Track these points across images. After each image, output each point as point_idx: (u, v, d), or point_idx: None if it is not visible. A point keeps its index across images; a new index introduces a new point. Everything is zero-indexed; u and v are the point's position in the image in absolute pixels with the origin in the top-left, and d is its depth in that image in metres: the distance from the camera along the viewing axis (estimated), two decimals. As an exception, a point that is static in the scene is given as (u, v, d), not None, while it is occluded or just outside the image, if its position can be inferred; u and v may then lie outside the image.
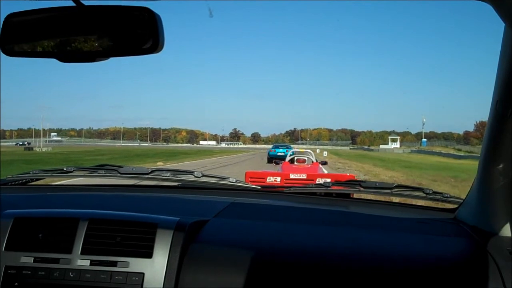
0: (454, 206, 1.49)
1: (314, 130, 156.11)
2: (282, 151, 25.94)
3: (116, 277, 1.04)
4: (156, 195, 1.70)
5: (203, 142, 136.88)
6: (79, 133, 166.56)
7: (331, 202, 1.71)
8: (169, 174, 1.74)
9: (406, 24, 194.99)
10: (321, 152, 35.03)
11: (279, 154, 25.01)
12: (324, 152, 35.47)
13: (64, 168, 1.77)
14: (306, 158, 12.64)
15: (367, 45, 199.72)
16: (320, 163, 12.93)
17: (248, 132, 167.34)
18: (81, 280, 1.05)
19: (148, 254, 1.07)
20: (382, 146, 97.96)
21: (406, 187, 1.65)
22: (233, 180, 1.73)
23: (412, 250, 1.17)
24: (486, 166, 1.07)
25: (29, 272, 1.06)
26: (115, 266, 1.05)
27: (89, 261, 1.06)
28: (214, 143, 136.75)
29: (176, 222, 1.14)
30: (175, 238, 1.09)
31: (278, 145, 35.48)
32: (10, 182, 1.77)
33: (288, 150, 19.18)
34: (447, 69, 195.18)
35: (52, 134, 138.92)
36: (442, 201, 1.56)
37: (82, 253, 1.07)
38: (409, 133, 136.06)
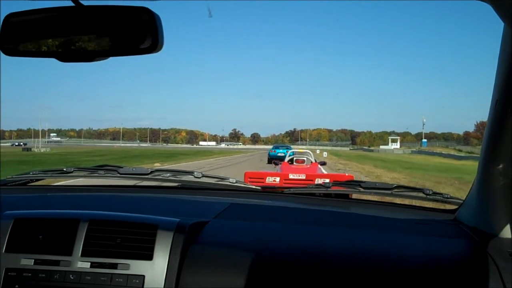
0: (454, 207, 1.48)
1: (314, 130, 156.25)
2: (282, 152, 25.97)
3: (117, 279, 1.04)
4: (156, 195, 1.70)
5: (203, 143, 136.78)
6: (78, 133, 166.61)
7: (331, 203, 1.70)
8: (169, 174, 1.74)
9: (406, 24, 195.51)
10: (321, 153, 35.01)
11: (279, 154, 25.12)
12: (324, 152, 35.47)
13: (64, 169, 1.77)
14: (305, 159, 12.67)
15: (367, 45, 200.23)
16: (319, 164, 12.99)
17: (247, 133, 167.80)
18: (81, 283, 1.04)
19: (149, 256, 1.06)
20: (382, 147, 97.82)
21: (406, 188, 1.65)
22: (233, 181, 1.72)
23: (412, 251, 1.17)
24: (486, 167, 1.06)
25: (29, 274, 1.05)
26: (116, 268, 1.05)
27: (89, 263, 1.06)
28: (213, 143, 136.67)
29: (176, 224, 1.13)
30: (175, 239, 1.09)
31: (278, 145, 35.61)
32: (10, 182, 1.77)
33: (288, 151, 19.20)
34: (447, 69, 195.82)
35: (52, 135, 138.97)
36: (442, 201, 1.55)
37: (82, 255, 1.06)
38: (409, 133, 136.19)
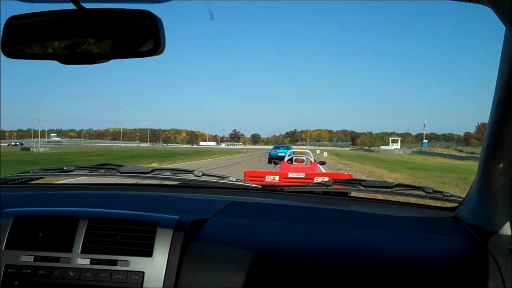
0: (455, 205, 1.48)
1: (314, 131, 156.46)
2: (282, 152, 26.10)
3: (116, 276, 1.04)
4: (156, 194, 1.70)
5: (203, 143, 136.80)
6: (78, 134, 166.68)
7: (331, 201, 1.70)
8: (169, 173, 1.74)
9: (407, 25, 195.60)
10: (321, 153, 35.01)
11: (279, 154, 25.31)
12: (324, 153, 35.48)
13: (65, 167, 1.77)
14: (304, 158, 12.80)
15: (368, 46, 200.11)
16: (318, 163, 13.08)
17: (248, 133, 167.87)
18: (81, 279, 1.04)
19: (148, 253, 1.06)
20: (382, 147, 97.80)
21: (406, 186, 1.65)
22: (233, 179, 1.73)
23: (412, 249, 1.17)
24: (486, 166, 1.07)
25: (29, 271, 1.05)
26: (115, 265, 1.05)
27: (89, 260, 1.06)
28: (214, 144, 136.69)
29: (176, 221, 1.13)
30: (175, 236, 1.09)
31: (279, 146, 35.89)
32: (10, 181, 1.78)
33: (288, 151, 19.29)
34: (447, 70, 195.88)
35: (52, 135, 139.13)
36: (442, 200, 1.55)
37: (82, 252, 1.07)
38: (409, 134, 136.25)
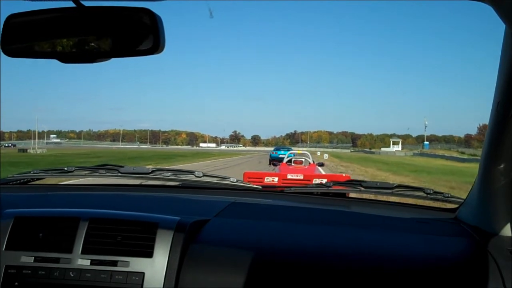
0: (455, 206, 1.48)
1: (314, 132, 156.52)
2: (283, 153, 26.21)
3: (117, 276, 1.04)
4: (157, 194, 1.70)
5: (203, 145, 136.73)
6: (78, 135, 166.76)
7: (331, 202, 1.70)
8: (169, 174, 1.74)
9: (407, 25, 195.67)
10: (321, 155, 35.05)
11: (280, 156, 25.43)
12: (324, 154, 35.53)
13: (65, 168, 1.77)
14: (303, 160, 12.85)
15: (367, 46, 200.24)
16: (317, 165, 13.14)
17: (248, 135, 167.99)
18: (81, 280, 1.04)
19: (149, 254, 1.06)
20: (383, 149, 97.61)
21: (406, 187, 1.65)
22: (233, 180, 1.73)
23: (413, 250, 1.17)
24: (487, 167, 1.07)
25: (29, 271, 1.05)
26: (116, 265, 1.05)
27: (89, 260, 1.06)
28: (214, 145, 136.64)
29: (176, 222, 1.13)
30: (175, 237, 1.09)
31: (280, 147, 36.13)
32: (11, 181, 1.77)
33: (288, 152, 19.36)
34: (448, 71, 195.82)
35: (52, 136, 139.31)
36: (443, 201, 1.55)
37: (82, 252, 1.07)
38: (409, 136, 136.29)
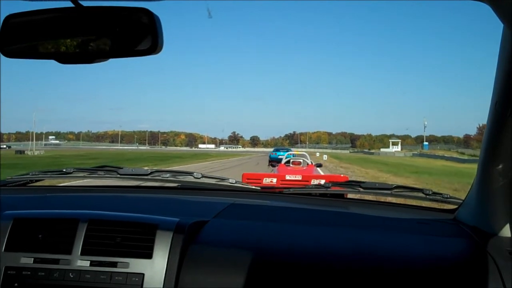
0: (454, 207, 1.49)
1: (313, 133, 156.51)
2: (283, 154, 26.29)
3: (116, 277, 1.04)
4: (156, 196, 1.70)
5: (202, 146, 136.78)
6: (77, 136, 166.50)
7: (330, 203, 1.71)
8: (168, 175, 1.74)
9: (406, 25, 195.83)
10: (320, 156, 35.03)
11: (280, 157, 25.46)
12: (324, 155, 35.50)
13: (64, 169, 1.77)
14: (301, 161, 12.88)
15: (367, 46, 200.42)
16: (315, 165, 13.15)
17: (247, 136, 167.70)
18: (81, 281, 1.04)
19: (148, 255, 1.06)
20: (383, 150, 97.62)
21: (405, 188, 1.65)
22: (232, 181, 1.73)
23: (412, 250, 1.17)
24: (485, 167, 1.07)
25: (29, 272, 1.05)
26: (115, 266, 1.05)
27: (89, 261, 1.06)
28: (212, 146, 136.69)
29: (176, 223, 1.14)
30: (175, 238, 1.09)
31: (279, 148, 36.36)
32: (10, 183, 1.77)
33: (287, 153, 19.38)
34: (448, 71, 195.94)
35: (50, 137, 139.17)
36: (442, 201, 1.56)
37: (82, 253, 1.07)
38: (408, 136, 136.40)
